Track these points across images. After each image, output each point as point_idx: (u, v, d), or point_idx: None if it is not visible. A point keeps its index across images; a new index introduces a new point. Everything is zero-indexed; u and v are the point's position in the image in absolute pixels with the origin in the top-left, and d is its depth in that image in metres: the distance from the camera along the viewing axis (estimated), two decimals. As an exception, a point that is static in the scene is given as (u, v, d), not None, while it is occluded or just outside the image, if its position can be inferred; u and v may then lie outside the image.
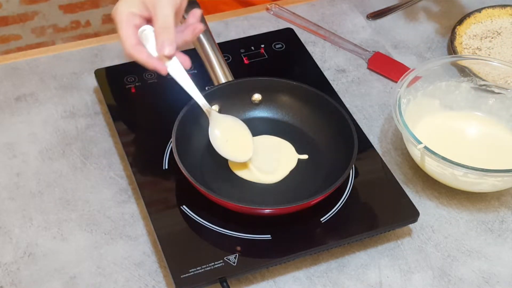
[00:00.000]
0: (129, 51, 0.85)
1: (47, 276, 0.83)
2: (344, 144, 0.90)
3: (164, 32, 0.84)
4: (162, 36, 0.85)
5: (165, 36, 0.84)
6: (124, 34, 0.85)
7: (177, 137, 0.88)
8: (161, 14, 0.84)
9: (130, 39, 0.85)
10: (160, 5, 0.85)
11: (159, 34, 0.85)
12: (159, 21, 0.85)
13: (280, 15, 1.19)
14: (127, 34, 0.85)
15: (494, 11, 1.18)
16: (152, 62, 0.85)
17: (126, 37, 0.85)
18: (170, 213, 0.86)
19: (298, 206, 0.83)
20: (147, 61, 0.85)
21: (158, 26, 0.85)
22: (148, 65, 0.85)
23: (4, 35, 2.34)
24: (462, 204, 0.94)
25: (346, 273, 0.85)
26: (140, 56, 0.85)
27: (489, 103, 1.01)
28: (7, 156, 0.95)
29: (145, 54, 0.85)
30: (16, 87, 1.04)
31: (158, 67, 0.85)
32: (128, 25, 0.85)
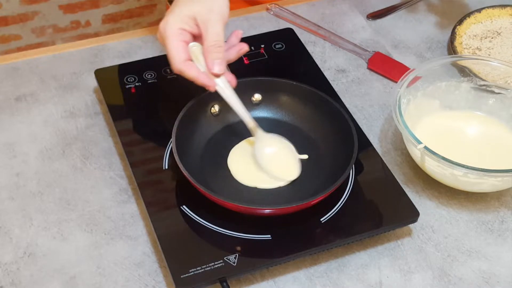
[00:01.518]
0: (179, 67, 0.86)
1: (47, 276, 0.83)
2: (344, 144, 0.90)
3: (215, 50, 0.86)
4: (213, 54, 0.86)
5: (216, 55, 0.86)
6: (174, 50, 0.86)
7: (177, 137, 0.88)
8: (212, 32, 0.86)
9: (180, 54, 0.86)
10: (212, 23, 0.86)
11: (210, 52, 0.86)
12: (210, 39, 0.86)
13: (280, 15, 1.19)
14: (177, 49, 0.86)
15: (494, 11, 1.18)
16: (203, 78, 0.86)
17: (176, 53, 0.86)
18: (170, 213, 0.86)
19: (298, 206, 0.83)
20: (197, 77, 0.86)
21: (209, 44, 0.86)
22: (198, 81, 0.87)
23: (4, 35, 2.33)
24: (462, 204, 0.94)
25: (346, 273, 0.85)
26: (190, 72, 0.86)
27: (489, 103, 1.01)
28: (7, 156, 0.95)
29: (195, 70, 0.87)
30: (16, 87, 1.04)
31: (209, 84, 0.87)
32: (179, 41, 0.86)
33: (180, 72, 0.87)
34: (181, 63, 0.86)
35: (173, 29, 0.86)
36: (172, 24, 0.87)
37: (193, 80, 0.87)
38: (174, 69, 0.87)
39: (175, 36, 0.86)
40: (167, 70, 1.03)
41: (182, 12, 0.87)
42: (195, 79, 0.86)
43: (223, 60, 0.87)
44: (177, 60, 0.86)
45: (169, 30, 0.86)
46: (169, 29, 0.86)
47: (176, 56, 0.86)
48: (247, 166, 0.92)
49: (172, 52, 0.86)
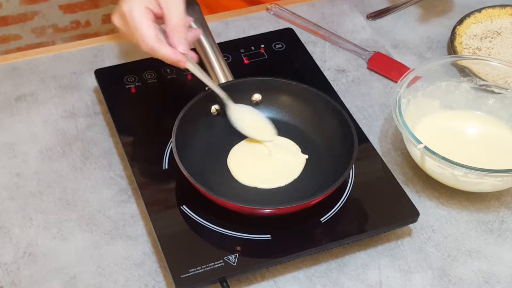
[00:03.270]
0: (152, 44, 0.86)
1: (47, 276, 0.83)
2: (344, 144, 0.90)
3: (180, 30, 0.87)
4: (177, 33, 0.86)
5: (180, 34, 0.87)
6: (145, 28, 0.86)
7: (177, 137, 0.88)
8: (175, 12, 0.86)
9: (152, 32, 0.86)
10: (174, 3, 0.86)
11: (175, 32, 0.86)
12: (174, 19, 0.86)
13: (280, 15, 1.19)
14: (148, 27, 0.86)
15: (494, 11, 1.18)
16: (175, 55, 0.87)
17: (147, 31, 0.86)
18: (170, 213, 0.86)
19: (298, 206, 0.83)
20: (170, 54, 0.87)
21: (173, 24, 0.86)
22: (171, 58, 0.87)
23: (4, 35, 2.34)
24: (462, 204, 0.94)
25: (346, 273, 0.85)
26: (163, 49, 0.86)
27: (489, 103, 1.01)
28: (7, 156, 0.95)
29: (168, 47, 0.87)
30: (16, 87, 1.04)
31: (181, 59, 0.87)
32: (147, 19, 0.86)
33: (152, 49, 0.86)
34: (154, 41, 0.86)
35: (141, 8, 0.86)
36: (139, 3, 0.86)
37: (164, 58, 0.87)
38: (146, 47, 0.86)
39: (144, 15, 0.86)
40: (167, 70, 1.03)
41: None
42: (168, 55, 0.86)
43: (186, 39, 0.87)
44: (150, 38, 0.85)
45: (136, 10, 0.86)
46: (136, 8, 0.86)
47: (149, 33, 0.85)
48: (247, 166, 0.92)
49: (143, 30, 0.85)
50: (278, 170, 0.91)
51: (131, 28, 0.87)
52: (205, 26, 1.01)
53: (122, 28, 0.89)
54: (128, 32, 0.88)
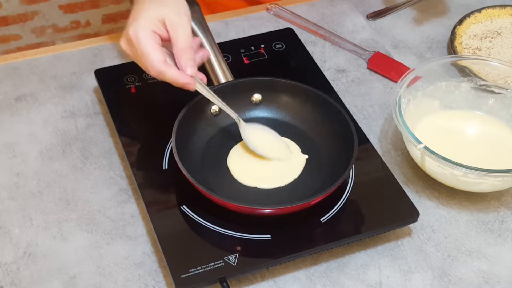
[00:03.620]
0: (159, 68, 0.86)
1: (47, 276, 0.83)
2: (344, 144, 0.90)
3: (187, 52, 0.86)
4: (185, 56, 0.86)
5: (187, 56, 0.86)
6: (152, 52, 0.85)
7: (177, 137, 0.88)
8: (182, 35, 0.86)
9: (159, 56, 0.86)
10: (182, 25, 0.86)
11: (182, 55, 0.86)
12: (181, 42, 0.86)
13: (280, 15, 1.19)
14: (155, 51, 0.85)
15: (494, 11, 1.18)
16: (184, 77, 0.86)
17: (154, 55, 0.85)
18: (170, 213, 0.86)
19: (298, 206, 0.83)
20: (178, 77, 0.86)
21: (181, 46, 0.86)
22: (179, 81, 0.87)
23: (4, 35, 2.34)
24: (462, 204, 0.94)
25: (346, 273, 0.85)
26: (171, 72, 0.86)
27: (489, 103, 1.01)
28: (7, 156, 0.95)
29: (175, 70, 0.87)
30: (16, 87, 1.04)
31: (189, 82, 0.87)
32: (154, 43, 0.86)
33: (159, 73, 0.86)
34: (161, 64, 0.85)
35: (147, 32, 0.85)
36: (145, 26, 0.86)
37: (172, 81, 0.87)
38: (153, 71, 0.86)
39: (150, 39, 0.85)
40: (167, 70, 1.03)
41: (151, 16, 0.86)
42: (176, 79, 0.86)
43: (194, 61, 0.87)
44: (157, 62, 0.85)
45: (142, 34, 0.85)
46: (143, 32, 0.85)
47: (156, 57, 0.85)
48: (247, 166, 0.92)
49: (150, 54, 0.85)
50: (278, 170, 0.91)
51: (138, 53, 0.87)
52: (205, 26, 1.01)
53: (129, 52, 0.89)
54: (136, 57, 0.88)
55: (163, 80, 0.87)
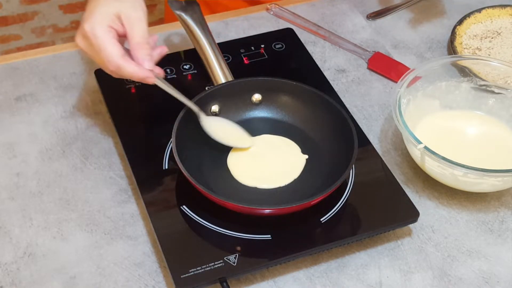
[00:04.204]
0: (117, 62, 0.85)
1: (47, 276, 0.83)
2: (344, 144, 0.90)
3: (144, 47, 0.86)
4: (142, 51, 0.86)
5: (145, 51, 0.86)
6: (110, 47, 0.84)
7: (177, 137, 0.88)
8: (138, 29, 0.86)
9: (117, 50, 0.85)
10: (138, 20, 0.86)
11: (139, 49, 0.86)
12: (137, 37, 0.86)
13: (280, 15, 1.19)
14: (113, 46, 0.85)
15: (494, 11, 1.18)
16: (143, 71, 0.86)
17: (112, 49, 0.84)
18: (170, 213, 0.86)
19: (298, 206, 0.83)
20: (136, 71, 0.86)
21: (136, 41, 0.86)
22: (138, 75, 0.86)
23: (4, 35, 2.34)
24: (462, 204, 0.94)
25: (346, 273, 0.85)
26: (130, 67, 0.85)
27: (489, 103, 1.01)
28: (7, 156, 0.95)
29: (134, 64, 0.86)
30: (16, 87, 1.04)
31: (149, 75, 0.86)
32: (111, 37, 0.85)
33: (118, 68, 0.85)
34: (120, 58, 0.85)
35: (103, 27, 0.85)
36: (101, 21, 0.85)
37: (131, 75, 0.86)
38: (111, 66, 0.85)
39: (107, 33, 0.85)
40: (167, 70, 1.03)
41: (107, 10, 0.86)
42: (135, 72, 0.86)
43: (151, 55, 0.87)
44: (115, 56, 0.84)
45: (99, 29, 0.85)
46: (99, 27, 0.85)
47: (114, 52, 0.84)
48: (247, 166, 0.92)
49: (108, 49, 0.84)
50: (278, 170, 0.91)
51: (95, 48, 0.85)
52: (205, 26, 1.01)
53: (85, 49, 0.87)
54: (93, 53, 0.87)
55: (121, 75, 0.87)
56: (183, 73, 1.04)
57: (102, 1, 0.87)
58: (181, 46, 1.11)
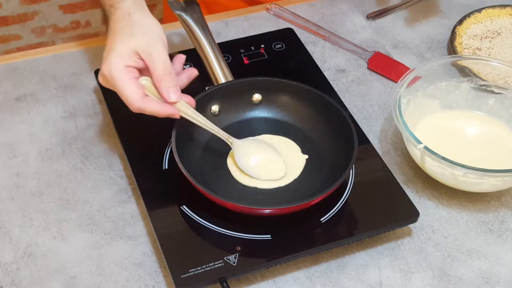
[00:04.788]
0: (139, 105, 0.83)
1: (47, 276, 0.83)
2: (344, 144, 0.90)
3: (167, 78, 0.84)
4: (167, 83, 0.84)
5: (169, 83, 0.84)
6: (129, 89, 0.83)
7: (177, 137, 0.88)
8: (159, 61, 0.84)
9: (136, 92, 0.83)
10: (157, 52, 0.84)
11: (163, 81, 0.84)
12: (160, 69, 0.84)
13: (280, 15, 1.19)
14: (132, 88, 0.83)
15: (494, 11, 1.18)
16: (165, 109, 0.84)
17: (132, 92, 0.83)
18: (170, 213, 0.86)
19: (298, 206, 0.83)
20: (160, 110, 0.84)
21: (160, 73, 0.84)
22: (162, 114, 0.85)
23: (4, 35, 2.34)
24: (462, 204, 0.94)
25: (346, 273, 0.85)
26: (152, 107, 0.84)
27: (489, 103, 1.01)
28: (7, 156, 0.95)
29: (156, 103, 0.85)
30: (16, 87, 1.04)
31: (173, 112, 0.85)
32: (130, 78, 0.84)
33: (140, 110, 0.84)
34: (140, 101, 0.83)
35: (120, 69, 0.83)
36: (117, 63, 0.83)
37: (156, 115, 0.85)
38: (133, 109, 0.84)
39: (124, 75, 0.83)
40: (167, 70, 1.03)
41: (123, 49, 0.84)
42: (158, 112, 0.84)
43: (176, 86, 0.85)
44: (135, 99, 0.83)
45: (116, 71, 0.83)
46: (116, 69, 0.83)
47: (133, 95, 0.83)
48: (247, 166, 0.92)
49: (127, 92, 0.83)
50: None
51: (116, 89, 0.84)
52: (205, 26, 1.01)
53: (109, 87, 0.86)
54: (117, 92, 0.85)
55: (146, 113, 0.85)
56: (183, 73, 1.03)
57: (118, 38, 0.85)
58: (181, 46, 1.11)
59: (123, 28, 0.86)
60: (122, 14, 0.87)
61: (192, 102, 0.87)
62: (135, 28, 0.86)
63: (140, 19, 0.87)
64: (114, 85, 0.84)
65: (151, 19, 0.88)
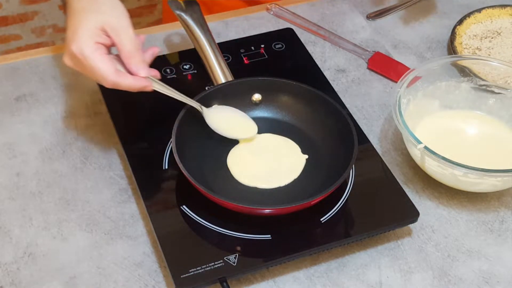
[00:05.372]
0: (114, 80, 0.84)
1: (47, 276, 0.83)
2: (344, 144, 0.90)
3: (136, 55, 0.85)
4: (135, 58, 0.85)
5: (137, 59, 0.85)
6: (102, 65, 0.83)
7: (177, 137, 0.88)
8: (127, 37, 0.84)
9: (109, 67, 0.84)
10: (124, 28, 0.84)
11: (132, 57, 0.85)
12: (127, 46, 0.84)
13: (280, 15, 1.19)
14: (104, 63, 0.83)
15: (494, 11, 1.18)
16: (140, 82, 0.85)
17: (105, 67, 0.83)
18: (170, 213, 0.86)
19: (298, 206, 0.83)
20: (134, 83, 0.85)
21: (127, 50, 0.84)
22: (136, 87, 0.86)
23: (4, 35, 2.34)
24: (462, 204, 0.94)
25: (346, 273, 0.85)
26: (126, 81, 0.85)
27: (489, 103, 1.01)
28: (7, 156, 0.95)
29: (130, 77, 0.85)
30: (16, 87, 1.04)
31: (146, 84, 0.86)
32: (102, 55, 0.84)
33: (115, 84, 0.84)
34: (114, 75, 0.84)
35: (91, 45, 0.83)
36: (87, 40, 0.83)
37: (129, 88, 0.85)
38: (108, 84, 0.84)
39: (96, 52, 0.83)
40: (167, 70, 1.03)
41: (90, 26, 0.84)
42: (132, 85, 0.85)
43: (144, 62, 0.86)
44: (109, 73, 0.83)
45: (87, 48, 0.83)
46: (86, 46, 0.83)
47: (107, 69, 0.83)
48: (247, 166, 0.92)
49: (101, 68, 0.83)
50: (278, 170, 0.91)
51: (87, 68, 0.84)
52: (205, 26, 1.01)
53: (77, 68, 0.86)
54: (85, 72, 0.86)
55: (119, 89, 0.86)
56: (183, 73, 1.04)
57: (83, 16, 0.85)
58: (181, 46, 1.11)
59: (87, 6, 0.86)
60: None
61: (158, 75, 0.88)
62: (100, 6, 0.86)
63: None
64: (85, 63, 0.84)
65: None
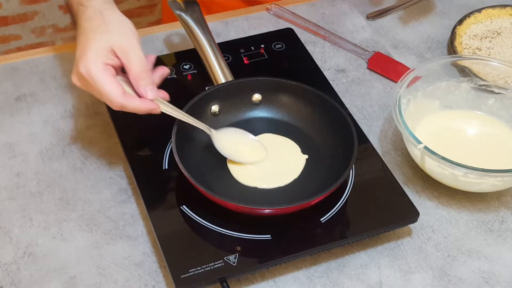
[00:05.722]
0: (121, 102, 0.83)
1: (47, 276, 0.83)
2: (344, 144, 0.90)
3: (144, 76, 0.84)
4: (144, 80, 0.84)
5: (146, 80, 0.84)
6: (109, 86, 0.82)
7: (177, 137, 0.88)
8: (136, 59, 0.84)
9: (117, 90, 0.83)
10: (133, 50, 0.84)
11: (140, 79, 0.84)
12: (137, 66, 0.83)
13: (280, 15, 1.19)
14: (112, 85, 0.83)
15: (494, 11, 1.18)
16: (147, 105, 0.85)
17: (112, 89, 0.83)
18: (170, 213, 0.86)
19: (298, 206, 0.83)
20: (141, 106, 0.84)
21: (137, 71, 0.83)
22: (142, 110, 0.85)
23: (4, 35, 2.34)
24: (462, 204, 0.94)
25: (346, 273, 0.85)
26: (134, 104, 0.84)
27: (489, 103, 1.01)
28: (7, 156, 0.95)
29: (137, 99, 0.84)
30: (16, 87, 1.04)
31: (154, 107, 0.85)
32: (110, 77, 0.83)
33: (122, 107, 0.84)
34: (121, 98, 0.83)
35: (99, 66, 0.82)
36: (95, 61, 0.82)
37: (136, 111, 0.85)
38: (115, 106, 0.84)
39: (104, 73, 0.82)
40: (167, 70, 1.03)
41: (99, 46, 0.83)
42: (139, 108, 0.84)
43: (153, 84, 0.85)
44: (116, 96, 0.83)
45: (94, 69, 0.82)
46: (94, 67, 0.82)
47: (114, 92, 0.83)
48: (247, 166, 0.92)
49: (108, 89, 0.82)
50: (278, 170, 0.91)
51: (95, 89, 0.84)
52: (205, 26, 1.01)
53: (84, 88, 0.86)
54: (93, 92, 0.85)
55: (127, 111, 0.85)
56: (183, 73, 1.04)
57: (91, 36, 0.84)
58: (181, 46, 1.11)
59: (96, 26, 0.85)
60: (93, 12, 0.86)
61: (167, 97, 0.88)
62: (109, 26, 0.85)
63: (113, 17, 0.86)
64: (92, 84, 0.83)
65: (123, 17, 0.87)
